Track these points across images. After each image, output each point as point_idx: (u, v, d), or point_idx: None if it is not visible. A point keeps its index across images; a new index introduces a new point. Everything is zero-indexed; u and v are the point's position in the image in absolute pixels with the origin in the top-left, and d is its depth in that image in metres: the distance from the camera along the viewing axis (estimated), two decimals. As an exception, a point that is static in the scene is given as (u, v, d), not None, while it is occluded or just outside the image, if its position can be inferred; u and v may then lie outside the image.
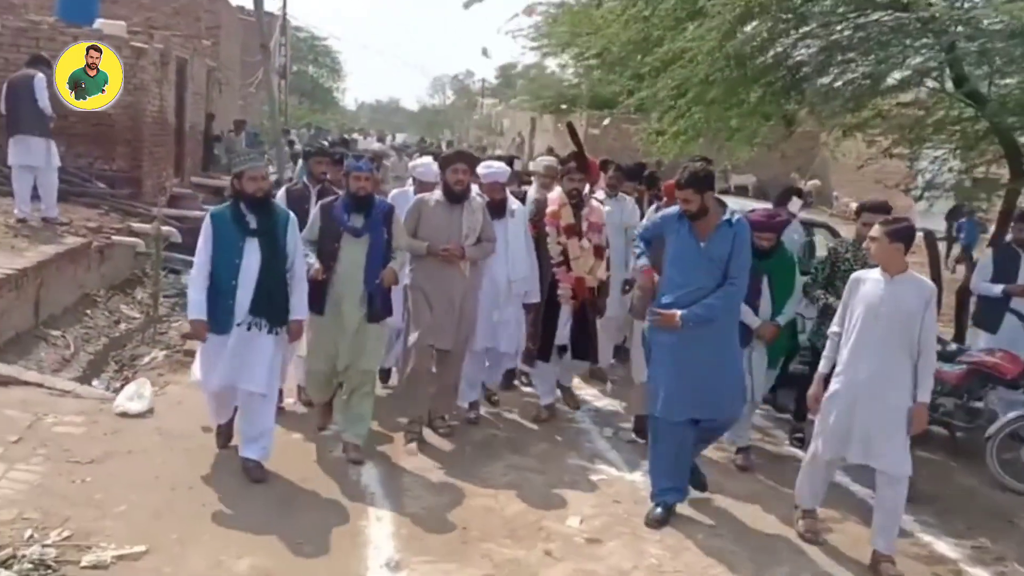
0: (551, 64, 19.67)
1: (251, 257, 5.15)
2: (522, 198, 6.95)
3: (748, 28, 6.66)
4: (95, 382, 7.69)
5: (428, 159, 7.12)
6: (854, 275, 5.01)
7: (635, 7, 8.54)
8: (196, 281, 5.21)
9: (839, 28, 7.96)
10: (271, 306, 5.22)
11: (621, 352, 8.01)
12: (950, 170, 9.48)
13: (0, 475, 5.06)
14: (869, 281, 4.84)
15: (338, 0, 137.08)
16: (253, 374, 5.22)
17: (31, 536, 4.35)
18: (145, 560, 4.26)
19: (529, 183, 7.92)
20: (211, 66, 18.83)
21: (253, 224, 5.18)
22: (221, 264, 5.15)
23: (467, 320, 6.11)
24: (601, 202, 6.94)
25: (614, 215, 7.15)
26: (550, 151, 24.78)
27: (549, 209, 6.45)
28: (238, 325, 5.16)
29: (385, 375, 7.14)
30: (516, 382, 7.74)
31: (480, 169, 6.36)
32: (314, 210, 5.85)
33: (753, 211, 6.23)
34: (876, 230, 4.80)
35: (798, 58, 8.27)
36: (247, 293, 5.15)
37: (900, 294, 4.71)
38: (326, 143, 12.40)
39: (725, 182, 28.38)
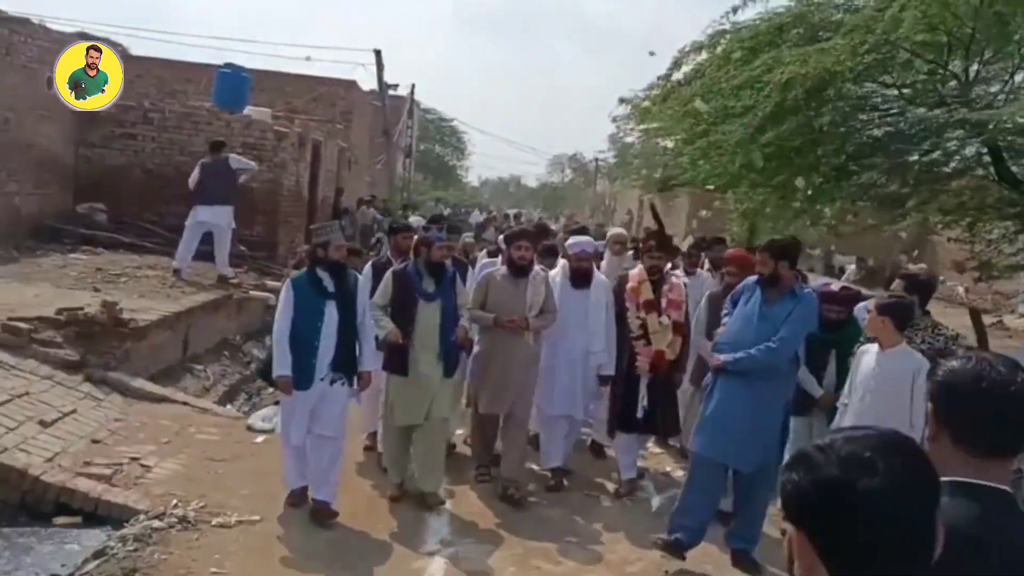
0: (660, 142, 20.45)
1: (330, 317, 5.59)
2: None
3: (782, 127, 7.62)
4: (228, 406, 9.20)
5: (583, 238, 7.25)
6: (860, 348, 5.21)
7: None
8: (281, 340, 5.58)
9: (885, 119, 8.84)
10: (348, 361, 5.71)
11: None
12: (999, 252, 10.06)
13: (155, 465, 6.51)
14: (867, 354, 5.04)
15: (463, 86, 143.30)
16: (327, 420, 5.69)
17: (176, 504, 5.73)
18: (259, 526, 5.56)
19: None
20: (342, 146, 20.98)
21: (331, 287, 5.64)
22: (303, 325, 5.56)
23: (528, 386, 6.39)
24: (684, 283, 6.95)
25: (693, 289, 7.18)
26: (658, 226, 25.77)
27: (629, 285, 6.57)
28: (320, 380, 5.61)
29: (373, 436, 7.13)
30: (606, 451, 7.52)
31: (569, 242, 6.93)
32: (387, 276, 6.23)
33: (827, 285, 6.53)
34: (870, 303, 5.48)
35: (848, 148, 9.10)
36: (328, 351, 5.59)
37: (889, 367, 4.86)
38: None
39: (829, 263, 28.67)
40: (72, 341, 8.20)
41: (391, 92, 30.65)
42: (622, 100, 12.18)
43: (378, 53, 23.85)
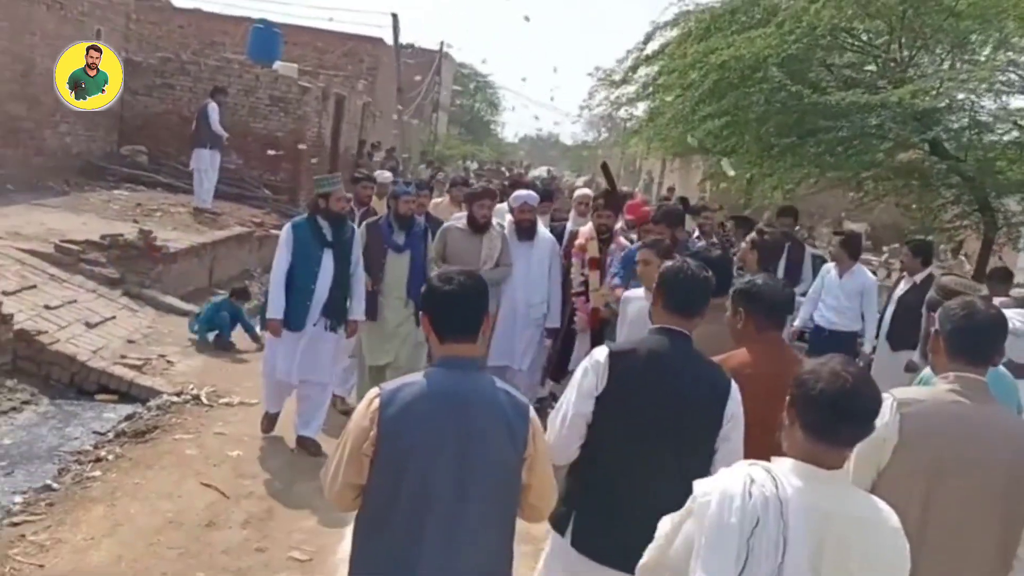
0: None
1: (327, 265, 5.81)
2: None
3: (721, 102, 8.85)
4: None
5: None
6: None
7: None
8: (277, 283, 5.81)
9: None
10: (339, 309, 5.94)
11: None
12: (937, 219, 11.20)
13: (177, 362, 8.05)
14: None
15: (499, 40, 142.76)
16: (318, 367, 5.96)
17: (192, 386, 7.25)
18: (255, 407, 7.04)
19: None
20: (367, 100, 22.32)
21: (330, 237, 5.84)
22: (301, 270, 5.77)
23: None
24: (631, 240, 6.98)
25: None
26: (671, 190, 26.61)
27: (577, 242, 6.67)
28: (313, 325, 5.86)
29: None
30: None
31: (513, 195, 7.01)
32: (360, 227, 6.44)
33: None
34: None
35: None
36: (322, 297, 5.82)
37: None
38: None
39: (839, 227, 29.56)
40: (114, 262, 9.76)
41: (419, 47, 31.81)
42: (597, 68, 13.17)
43: (395, 16, 25.10)
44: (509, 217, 6.83)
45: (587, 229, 6.65)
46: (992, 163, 9.28)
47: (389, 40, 25.97)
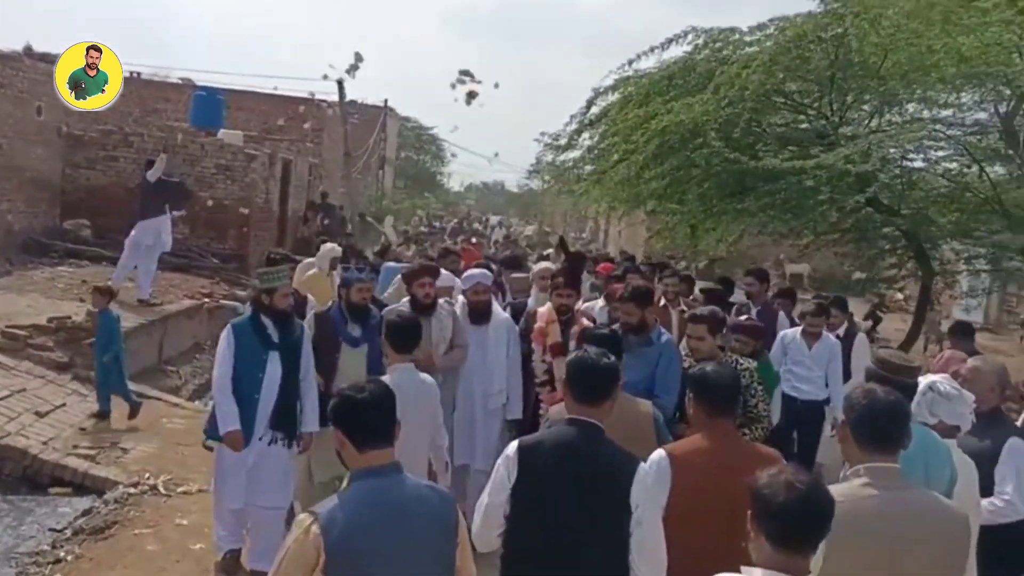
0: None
1: (273, 370, 5.13)
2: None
3: (663, 165, 9.19)
4: (197, 402, 10.60)
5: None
6: None
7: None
8: (223, 391, 5.12)
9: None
10: (289, 420, 5.23)
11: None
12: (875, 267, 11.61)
13: (132, 448, 7.92)
14: None
15: (441, 95, 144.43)
16: (269, 488, 5.23)
17: (148, 476, 7.15)
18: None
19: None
20: (313, 163, 22.40)
21: (275, 338, 5.19)
22: (243, 377, 5.11)
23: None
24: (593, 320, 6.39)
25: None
26: (630, 258, 26.77)
27: (537, 325, 6.04)
28: (259, 439, 5.17)
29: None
30: None
31: (464, 275, 6.43)
32: (308, 317, 5.87)
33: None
34: None
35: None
36: (268, 407, 5.15)
37: None
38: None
39: (780, 269, 30.26)
40: (62, 345, 9.60)
41: (363, 103, 32.05)
42: (542, 134, 13.34)
43: (340, 83, 25.39)
44: (461, 297, 6.32)
45: (546, 311, 6.06)
46: (924, 214, 9.70)
47: (333, 99, 26.13)
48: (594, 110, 10.88)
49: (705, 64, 9.95)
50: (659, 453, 3.28)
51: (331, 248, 9.52)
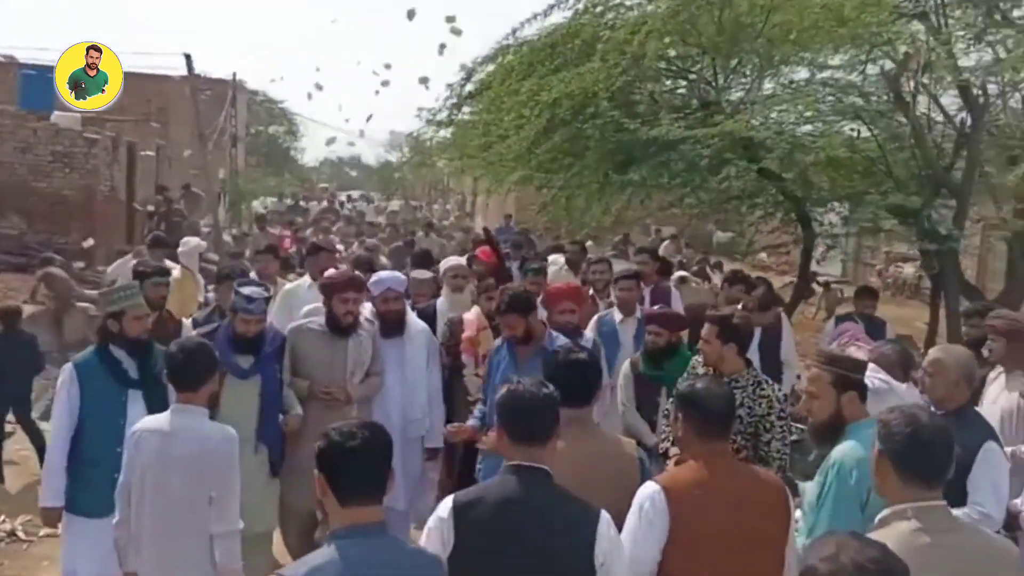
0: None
1: (136, 414, 4.07)
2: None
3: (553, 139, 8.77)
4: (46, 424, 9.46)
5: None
6: None
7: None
8: (56, 451, 4.21)
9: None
10: None
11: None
12: (758, 232, 11.62)
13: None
14: None
15: (293, 64, 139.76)
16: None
17: (3, 518, 6.18)
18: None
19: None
20: (160, 144, 20.80)
21: (134, 372, 4.28)
22: (98, 427, 4.18)
23: None
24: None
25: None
26: (508, 217, 25.73)
27: (465, 334, 5.33)
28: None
29: None
30: None
31: (372, 279, 5.43)
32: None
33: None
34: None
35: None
36: None
37: None
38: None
39: (655, 234, 30.73)
40: None
41: (210, 77, 30.17)
42: (420, 109, 12.76)
43: (188, 56, 23.57)
44: (368, 305, 5.39)
45: (474, 316, 5.36)
46: (808, 178, 9.69)
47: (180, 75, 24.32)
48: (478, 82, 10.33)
49: (589, 30, 9.53)
50: (651, 487, 2.81)
51: (196, 244, 8.65)
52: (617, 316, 6.00)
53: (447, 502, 2.61)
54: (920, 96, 8.81)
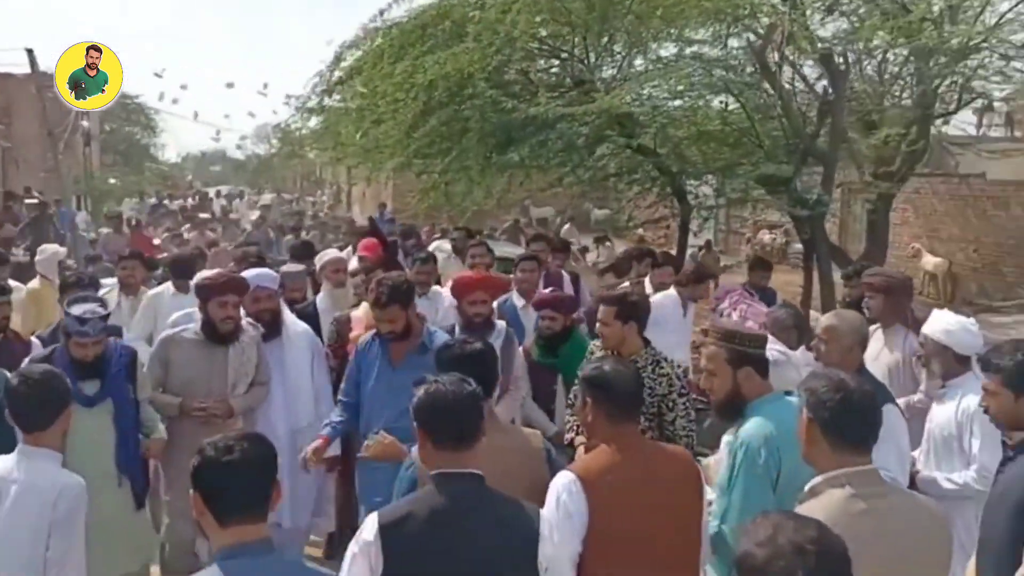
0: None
1: None
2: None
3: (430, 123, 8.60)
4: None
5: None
6: None
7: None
8: None
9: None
10: None
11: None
12: (637, 207, 11.78)
13: None
14: None
15: (149, 59, 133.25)
16: None
17: None
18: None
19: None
20: (5, 146, 19.41)
21: None
22: None
23: None
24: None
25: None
26: (382, 206, 25.00)
27: (353, 333, 4.85)
28: None
29: None
30: None
31: (249, 274, 4.97)
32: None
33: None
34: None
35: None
36: None
37: None
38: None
39: (526, 216, 30.87)
40: None
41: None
42: (289, 96, 12.44)
43: (30, 52, 22.02)
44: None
45: (363, 314, 4.83)
46: (683, 154, 9.89)
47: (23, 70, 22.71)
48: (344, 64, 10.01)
49: (459, 10, 9.38)
50: (566, 477, 2.71)
51: (54, 251, 8.04)
52: (518, 301, 5.81)
53: (371, 523, 2.38)
54: (784, 67, 9.08)
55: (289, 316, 5.05)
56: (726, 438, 4.87)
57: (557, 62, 10.69)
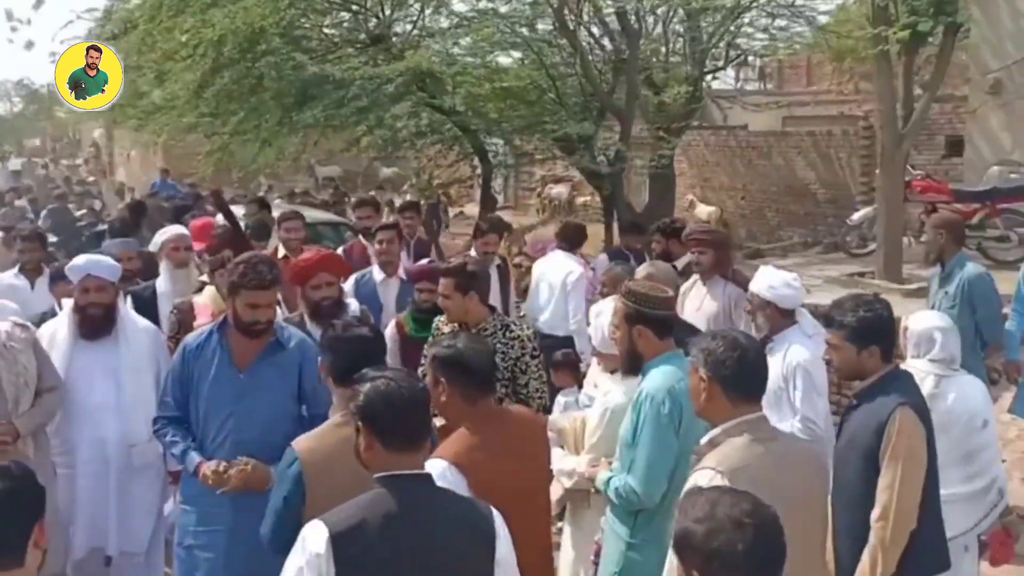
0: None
1: None
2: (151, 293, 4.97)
3: (223, 79, 8.05)
4: None
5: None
6: None
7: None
8: None
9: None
10: None
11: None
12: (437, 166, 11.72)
13: None
14: None
15: None
16: None
17: None
18: None
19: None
20: None
21: None
22: None
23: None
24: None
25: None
26: (166, 172, 22.38)
27: (197, 321, 4.34)
28: None
29: None
30: None
31: (73, 264, 4.30)
32: None
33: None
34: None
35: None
36: None
37: None
38: None
39: (311, 175, 29.89)
40: None
41: None
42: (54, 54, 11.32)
43: None
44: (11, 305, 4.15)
45: (208, 299, 4.40)
46: (485, 113, 9.92)
47: None
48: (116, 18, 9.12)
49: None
50: (439, 464, 2.61)
51: None
52: (378, 275, 5.43)
53: (318, 533, 2.16)
54: (581, 26, 9.28)
55: (126, 312, 4.31)
56: (562, 398, 5.01)
57: (348, 16, 10.33)
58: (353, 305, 4.63)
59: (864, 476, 2.89)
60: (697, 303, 5.04)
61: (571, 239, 6.38)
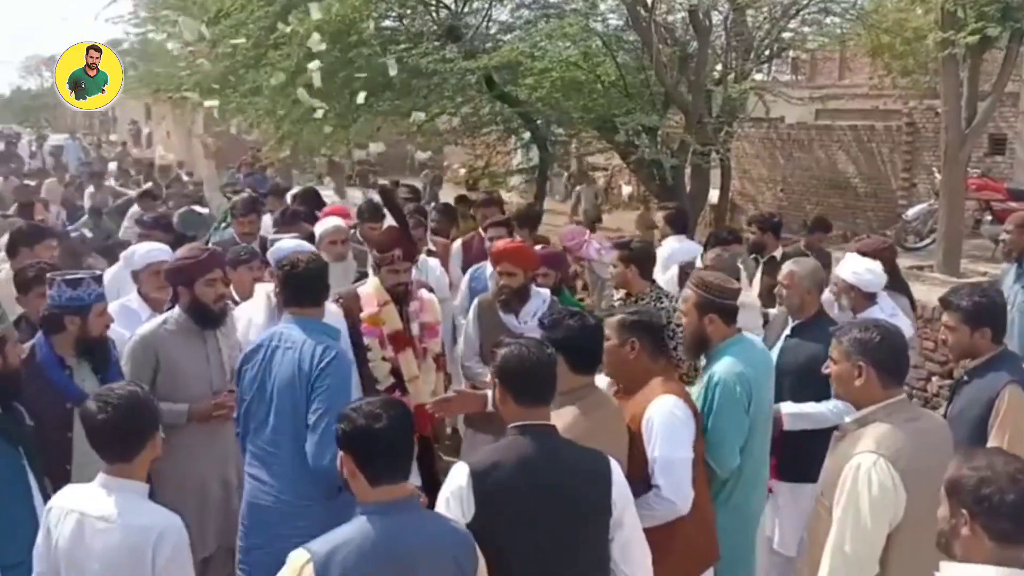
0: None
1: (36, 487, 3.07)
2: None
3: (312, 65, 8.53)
4: None
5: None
6: None
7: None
8: None
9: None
10: None
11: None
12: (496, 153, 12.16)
13: None
14: None
15: None
16: None
17: None
18: None
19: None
20: None
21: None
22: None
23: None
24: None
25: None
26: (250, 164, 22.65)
27: (364, 312, 4.34)
28: None
29: None
30: None
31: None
32: None
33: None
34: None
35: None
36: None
37: None
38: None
39: (351, 157, 30.20)
40: None
41: None
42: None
43: None
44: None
45: (373, 289, 4.34)
46: (553, 102, 10.29)
47: None
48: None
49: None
50: (670, 399, 3.10)
51: None
52: (490, 268, 5.24)
53: (461, 469, 2.55)
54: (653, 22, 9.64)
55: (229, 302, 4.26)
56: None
57: (421, 8, 10.74)
58: (544, 292, 4.75)
59: (971, 444, 3.13)
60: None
61: (677, 224, 6.38)
